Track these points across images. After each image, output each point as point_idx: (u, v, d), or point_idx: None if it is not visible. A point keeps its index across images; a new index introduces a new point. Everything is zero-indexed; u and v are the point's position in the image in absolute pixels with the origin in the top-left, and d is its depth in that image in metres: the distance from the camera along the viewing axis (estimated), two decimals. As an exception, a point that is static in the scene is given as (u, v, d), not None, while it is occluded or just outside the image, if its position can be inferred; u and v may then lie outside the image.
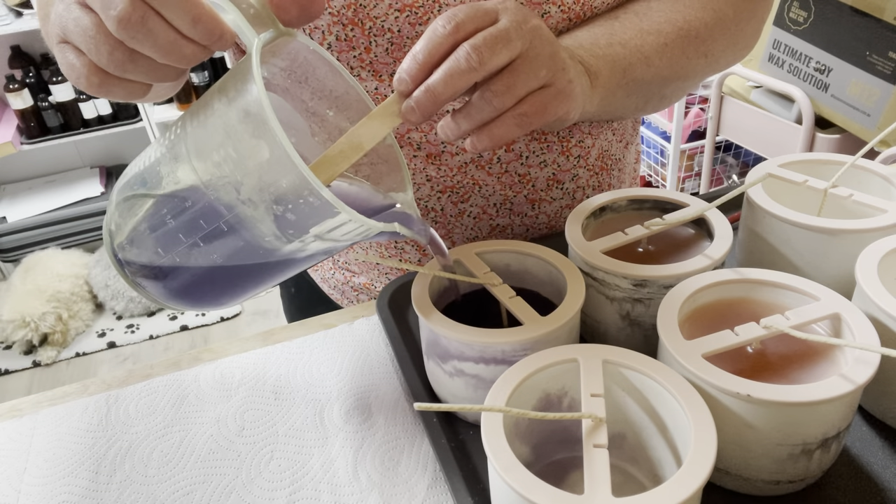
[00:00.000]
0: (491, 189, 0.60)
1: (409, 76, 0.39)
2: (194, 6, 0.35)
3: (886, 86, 1.34)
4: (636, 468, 0.39)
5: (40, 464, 0.47)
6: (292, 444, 0.46)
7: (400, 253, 0.63)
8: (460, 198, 0.60)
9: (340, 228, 0.36)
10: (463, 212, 0.61)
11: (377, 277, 0.67)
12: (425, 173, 0.58)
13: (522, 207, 0.62)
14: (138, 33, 0.35)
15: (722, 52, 0.57)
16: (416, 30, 0.51)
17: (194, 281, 0.41)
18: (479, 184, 0.59)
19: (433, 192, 0.59)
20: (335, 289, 0.71)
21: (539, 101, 0.41)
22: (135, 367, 0.54)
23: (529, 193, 0.61)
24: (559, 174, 0.61)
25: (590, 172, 0.63)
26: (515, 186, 0.60)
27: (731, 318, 0.41)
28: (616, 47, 0.51)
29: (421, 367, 0.48)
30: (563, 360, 0.37)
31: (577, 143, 0.61)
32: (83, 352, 2.02)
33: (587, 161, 0.62)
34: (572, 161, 0.61)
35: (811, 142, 1.53)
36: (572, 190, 0.63)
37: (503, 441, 0.32)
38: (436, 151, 0.57)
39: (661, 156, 2.07)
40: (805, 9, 1.47)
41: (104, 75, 0.38)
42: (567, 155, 0.61)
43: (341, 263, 0.68)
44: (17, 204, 2.32)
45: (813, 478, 0.38)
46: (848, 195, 0.49)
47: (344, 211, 0.34)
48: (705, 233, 0.50)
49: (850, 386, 0.34)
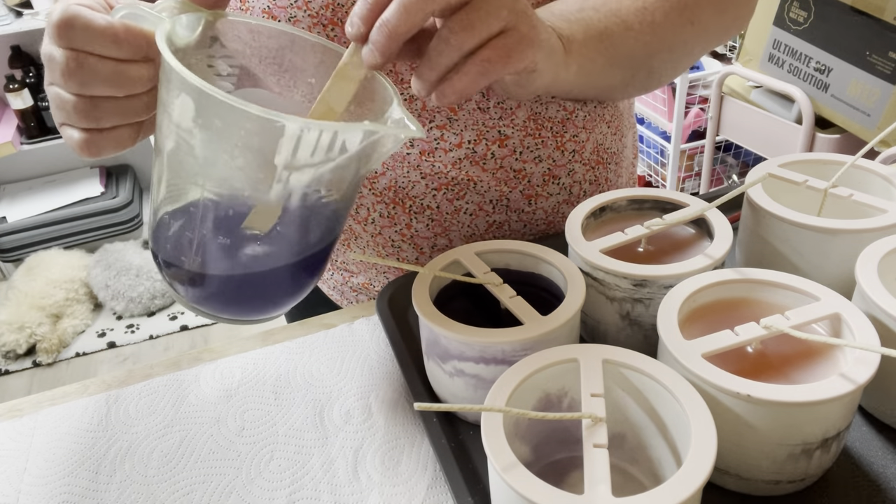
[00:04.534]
0: (486, 185, 0.59)
1: (360, 18, 0.38)
2: (109, 29, 0.38)
3: (886, 86, 1.34)
4: (636, 468, 0.39)
5: (40, 464, 0.47)
6: (292, 444, 0.46)
7: (397, 251, 0.63)
8: (456, 195, 0.59)
9: (301, 147, 0.34)
10: (459, 209, 0.60)
11: (375, 277, 0.66)
12: (419, 170, 0.58)
13: (519, 203, 0.61)
14: (83, 76, 0.38)
15: (710, 19, 0.56)
16: None
17: (224, 280, 0.41)
18: (474, 180, 0.59)
19: (428, 189, 0.59)
20: (334, 289, 0.71)
21: (501, 45, 0.40)
22: (135, 367, 0.54)
23: (525, 189, 0.61)
24: (555, 169, 0.61)
25: (586, 167, 0.63)
26: (511, 182, 0.60)
27: (731, 318, 0.41)
28: (588, 11, 0.51)
29: (421, 367, 0.48)
30: (563, 360, 0.37)
31: (571, 137, 0.61)
32: (83, 352, 2.02)
33: (582, 155, 0.62)
34: (567, 156, 0.61)
35: (811, 142, 1.53)
36: (569, 185, 0.63)
37: (503, 441, 0.32)
38: (429, 148, 0.57)
39: (661, 156, 2.07)
40: (805, 9, 1.47)
41: (88, 135, 0.41)
42: (562, 150, 0.60)
43: (339, 263, 0.68)
44: (17, 204, 2.32)
45: (813, 478, 0.38)
46: (848, 195, 0.49)
47: (284, 119, 0.32)
48: (705, 233, 0.50)
49: (850, 386, 0.34)
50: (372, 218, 0.61)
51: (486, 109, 0.56)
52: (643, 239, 0.49)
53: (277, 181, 0.36)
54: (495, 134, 0.57)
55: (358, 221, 0.62)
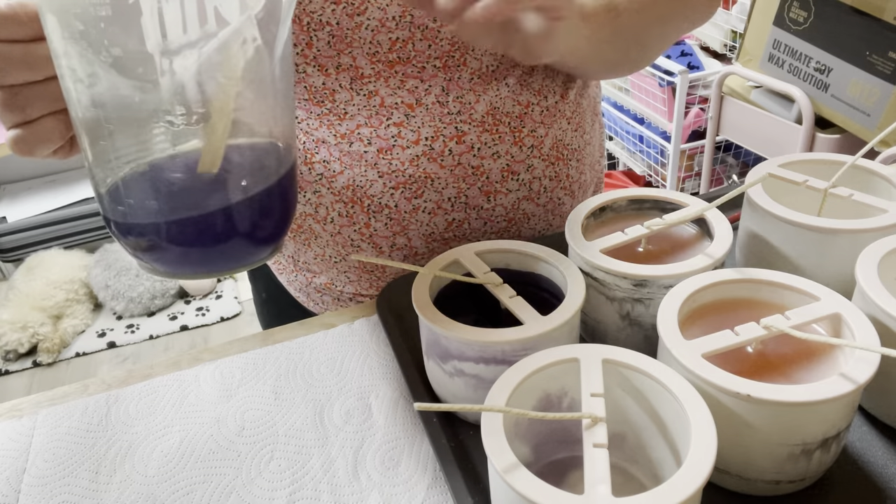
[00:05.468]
0: (444, 182, 0.59)
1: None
2: (9, 12, 0.37)
3: (886, 86, 1.34)
4: (636, 468, 0.39)
5: (40, 464, 0.47)
6: (292, 444, 0.46)
7: (356, 250, 0.63)
8: (413, 193, 0.59)
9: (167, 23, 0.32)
10: (417, 207, 0.60)
11: (336, 276, 0.66)
12: (377, 169, 0.58)
13: (478, 200, 0.61)
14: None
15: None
16: (354, 20, 0.52)
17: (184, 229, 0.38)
18: (431, 177, 0.58)
19: (386, 188, 0.58)
20: (300, 291, 0.71)
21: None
22: (135, 367, 0.54)
23: (484, 186, 0.60)
24: (513, 165, 0.60)
25: (545, 163, 0.62)
26: (469, 179, 0.59)
27: (731, 318, 0.41)
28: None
29: (421, 367, 0.48)
30: (563, 360, 0.37)
31: (529, 132, 0.60)
32: (83, 352, 2.02)
33: (541, 151, 0.62)
34: (525, 151, 0.61)
35: (811, 142, 1.53)
36: (528, 181, 0.62)
37: (503, 441, 0.32)
38: (386, 146, 0.57)
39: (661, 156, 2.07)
40: (805, 9, 1.47)
41: (18, 130, 0.40)
42: (520, 145, 0.60)
43: (301, 264, 0.67)
44: (17, 204, 2.32)
45: (813, 478, 0.38)
46: (848, 195, 0.49)
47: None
48: (705, 233, 0.50)
49: (850, 386, 0.34)
50: (331, 217, 0.61)
51: (444, 103, 0.56)
52: (643, 239, 0.49)
53: (161, 74, 0.33)
54: (452, 130, 0.57)
55: (317, 221, 0.62)
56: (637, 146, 2.19)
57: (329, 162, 0.58)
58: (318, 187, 0.60)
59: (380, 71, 0.54)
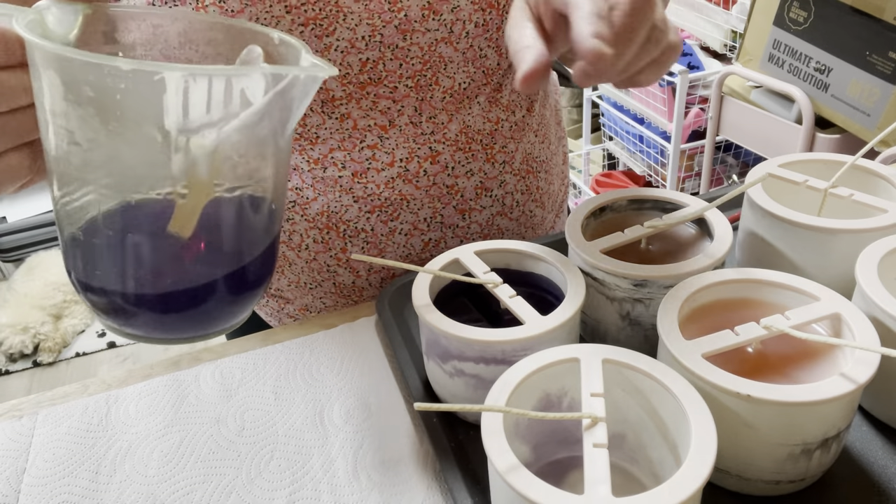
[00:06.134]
0: (419, 203, 0.59)
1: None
2: None
3: (886, 86, 1.34)
4: (636, 468, 0.39)
5: (40, 464, 0.47)
6: (292, 444, 0.46)
7: (333, 276, 0.62)
8: (389, 216, 0.59)
9: (192, 102, 0.30)
10: (394, 230, 0.60)
11: (312, 302, 0.65)
12: (352, 193, 0.57)
13: (453, 219, 0.61)
14: None
15: None
16: (323, 42, 0.49)
17: (153, 297, 0.35)
18: (407, 199, 0.58)
19: (361, 212, 0.58)
20: (272, 316, 0.70)
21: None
22: (135, 367, 0.54)
23: (458, 204, 0.60)
24: (486, 182, 0.61)
25: (516, 177, 0.63)
26: (444, 198, 0.59)
27: (731, 318, 0.41)
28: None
29: (421, 367, 0.48)
30: (563, 359, 0.37)
31: (500, 148, 0.60)
32: (83, 352, 2.02)
33: (513, 166, 0.62)
34: (498, 167, 0.61)
35: (811, 142, 1.53)
36: (501, 196, 0.62)
37: (503, 441, 0.32)
38: (361, 169, 0.56)
39: (661, 156, 2.07)
40: (805, 9, 1.47)
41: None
42: (492, 162, 0.60)
43: (273, 290, 0.67)
44: (17, 204, 2.32)
45: (813, 478, 0.38)
46: (848, 195, 0.49)
47: (162, 69, 0.28)
48: (705, 233, 0.50)
49: (850, 386, 0.34)
50: (306, 244, 0.60)
51: (418, 124, 0.56)
52: (643, 239, 0.49)
53: (175, 150, 0.31)
54: (427, 150, 0.57)
55: (291, 248, 0.61)
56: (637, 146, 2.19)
57: (302, 189, 0.58)
58: (292, 214, 0.59)
59: (351, 93, 0.53)
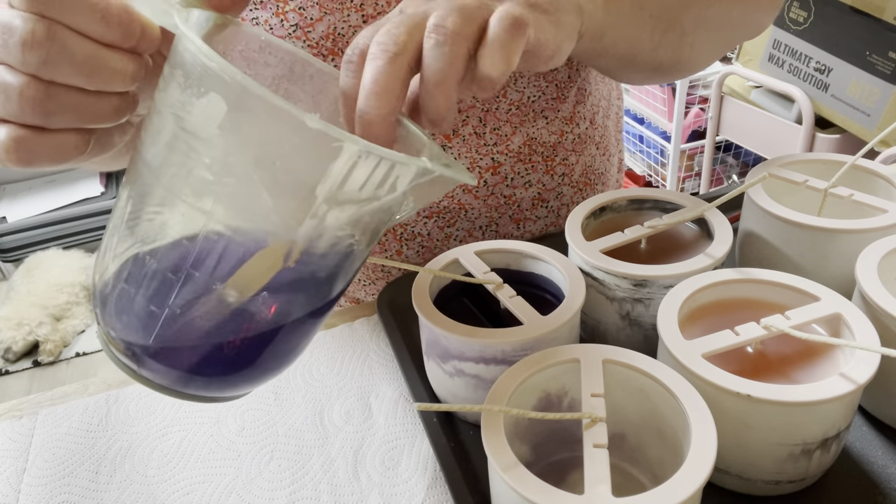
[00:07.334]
0: (477, 212, 0.59)
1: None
2: (100, 2, 0.30)
3: (886, 86, 1.34)
4: (636, 468, 0.39)
5: (40, 464, 0.47)
6: (292, 444, 0.46)
7: (387, 276, 0.62)
8: (447, 222, 0.59)
9: (353, 176, 0.28)
10: (449, 235, 0.60)
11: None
12: None
13: (507, 228, 0.61)
14: (50, 52, 0.29)
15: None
16: None
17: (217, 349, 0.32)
18: (465, 207, 0.59)
19: (420, 217, 0.59)
20: None
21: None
22: (135, 367, 0.54)
23: (514, 214, 0.61)
24: (544, 193, 0.61)
25: (574, 189, 0.63)
26: (501, 208, 0.60)
27: (731, 318, 0.41)
28: None
29: (421, 367, 0.48)
30: (563, 360, 0.37)
31: (561, 160, 0.60)
32: (83, 352, 2.02)
33: (571, 178, 0.62)
34: (557, 179, 0.61)
35: (811, 142, 1.53)
36: (556, 207, 0.63)
37: (503, 441, 0.32)
38: None
39: (661, 156, 2.07)
40: (805, 9, 1.47)
41: (24, 133, 0.31)
42: (552, 174, 0.60)
43: None
44: (17, 204, 2.32)
45: (813, 478, 0.38)
46: (848, 195, 0.49)
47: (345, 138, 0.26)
48: (705, 233, 0.50)
49: (850, 386, 0.34)
50: None
51: (481, 135, 0.56)
52: (643, 239, 0.49)
53: (312, 216, 0.29)
54: (488, 161, 0.57)
55: None
56: (637, 146, 2.19)
57: None
58: None
59: None
